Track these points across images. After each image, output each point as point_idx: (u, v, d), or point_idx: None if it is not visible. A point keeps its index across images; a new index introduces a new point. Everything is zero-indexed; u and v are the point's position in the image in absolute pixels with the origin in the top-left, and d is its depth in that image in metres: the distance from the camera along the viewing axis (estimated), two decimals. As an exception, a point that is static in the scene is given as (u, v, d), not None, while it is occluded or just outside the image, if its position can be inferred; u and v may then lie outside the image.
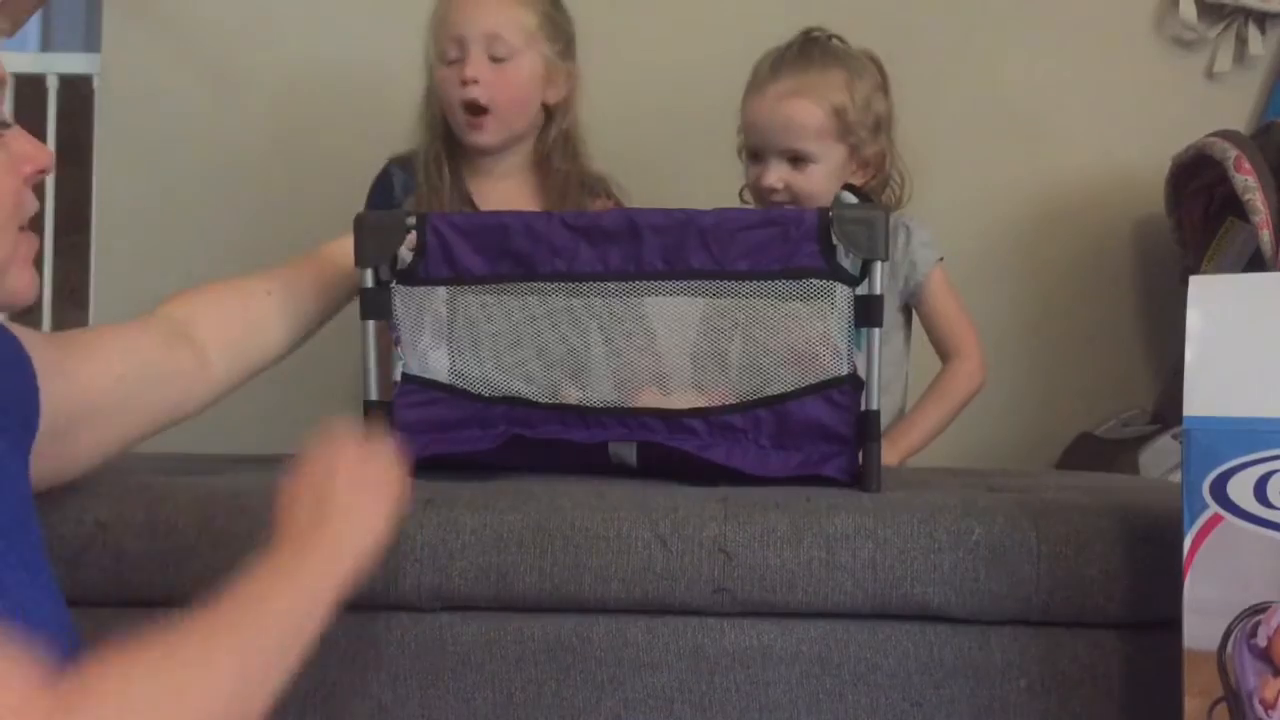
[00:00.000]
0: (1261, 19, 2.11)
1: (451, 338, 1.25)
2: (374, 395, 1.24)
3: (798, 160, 1.56)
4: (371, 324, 1.24)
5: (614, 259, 1.20)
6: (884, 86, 1.61)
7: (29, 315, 2.30)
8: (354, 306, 1.27)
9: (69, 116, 2.33)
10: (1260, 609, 0.93)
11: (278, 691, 0.78)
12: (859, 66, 1.59)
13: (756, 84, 1.60)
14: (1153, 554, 1.04)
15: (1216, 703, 0.94)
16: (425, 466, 1.24)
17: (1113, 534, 1.06)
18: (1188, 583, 0.94)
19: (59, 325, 2.21)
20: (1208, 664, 0.94)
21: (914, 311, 1.64)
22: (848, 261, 1.17)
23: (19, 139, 0.92)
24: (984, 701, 1.06)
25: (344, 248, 1.25)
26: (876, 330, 1.17)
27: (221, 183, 2.17)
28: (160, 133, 2.19)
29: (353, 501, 0.90)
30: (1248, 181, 1.79)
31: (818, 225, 1.17)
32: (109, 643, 0.72)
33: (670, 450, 1.21)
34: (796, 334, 1.20)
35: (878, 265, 1.16)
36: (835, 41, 1.62)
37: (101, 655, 0.71)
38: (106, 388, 1.06)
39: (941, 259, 1.62)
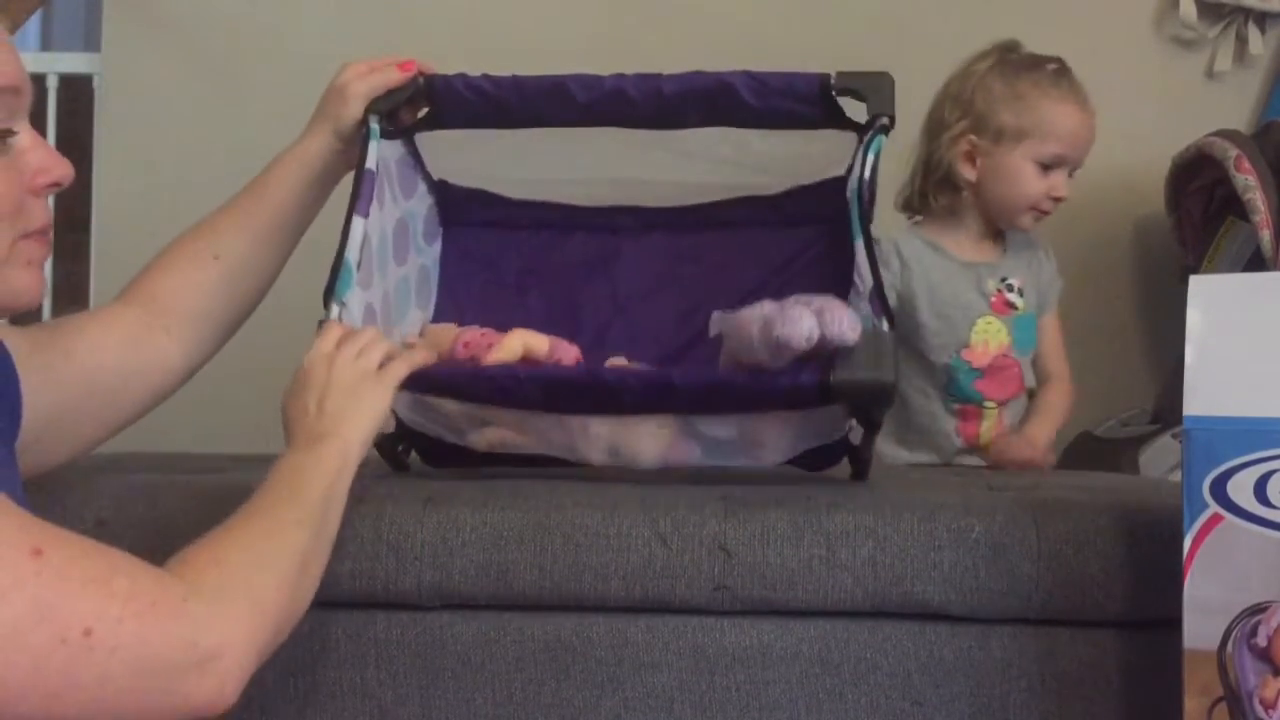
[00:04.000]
0: (1261, 19, 2.11)
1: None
2: None
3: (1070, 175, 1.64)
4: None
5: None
6: None
7: (30, 314, 2.30)
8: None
9: (69, 116, 2.33)
10: (1260, 609, 0.93)
11: (327, 561, 0.94)
12: None
13: (1062, 92, 1.62)
14: (1153, 553, 1.04)
15: (1216, 702, 0.94)
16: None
17: (1113, 533, 1.06)
18: (1188, 582, 0.94)
19: (59, 325, 2.20)
20: (1208, 664, 0.94)
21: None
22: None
23: (36, 149, 0.90)
24: (984, 701, 1.06)
25: (298, 157, 1.23)
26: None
27: (222, 183, 2.16)
28: (160, 133, 2.19)
29: (350, 397, 1.02)
30: (1248, 181, 1.80)
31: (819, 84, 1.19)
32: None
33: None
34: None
35: (880, 138, 1.17)
36: None
37: (189, 547, 0.84)
38: (84, 378, 1.06)
39: None
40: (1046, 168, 1.61)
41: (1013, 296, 1.64)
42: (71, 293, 2.34)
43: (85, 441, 1.10)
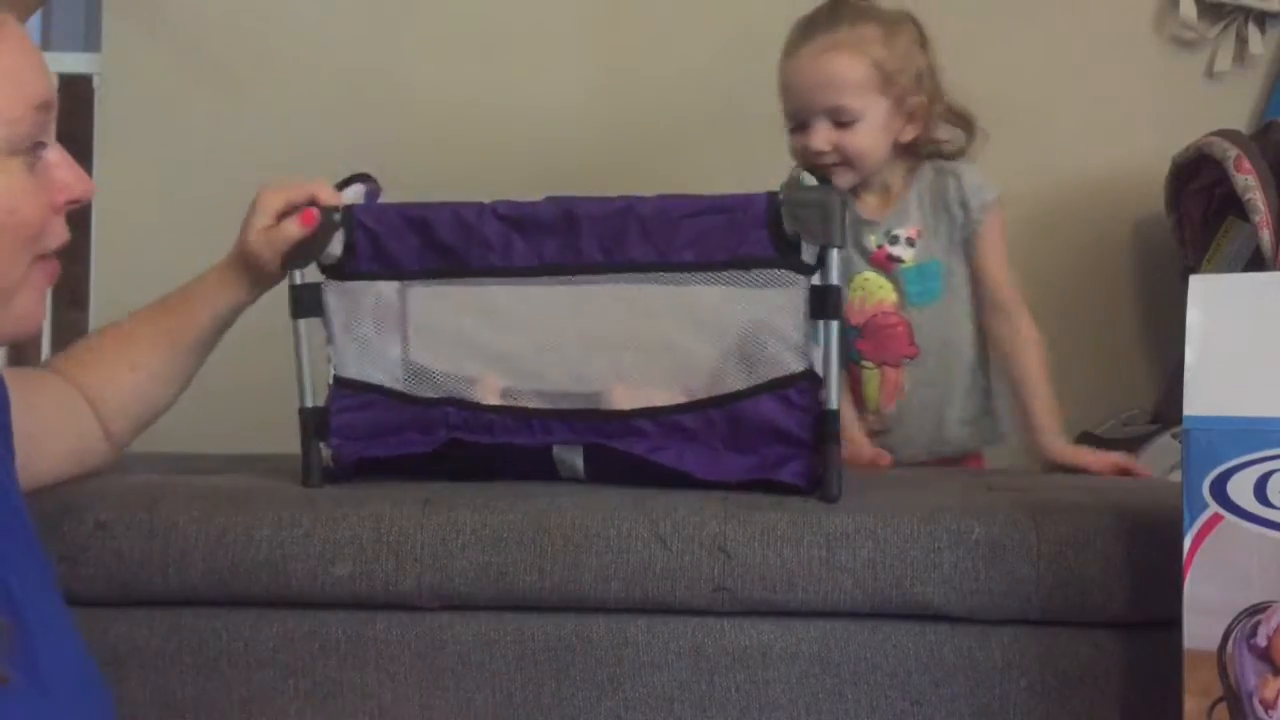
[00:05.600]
0: (1261, 18, 2.11)
1: (405, 328, 1.20)
2: (309, 400, 1.19)
3: (842, 121, 1.52)
4: (303, 323, 1.19)
5: (549, 251, 1.15)
6: (921, 41, 1.58)
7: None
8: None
9: (69, 116, 2.32)
10: (1260, 609, 0.93)
11: None
12: (893, 21, 1.57)
13: (790, 48, 1.55)
14: (1153, 554, 1.04)
15: (1216, 703, 0.94)
16: (389, 467, 1.22)
17: (1113, 533, 1.06)
18: (1188, 583, 0.94)
19: (59, 325, 2.21)
20: (1208, 664, 0.94)
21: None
22: (803, 249, 1.11)
23: (60, 166, 0.88)
24: (984, 701, 1.06)
25: (215, 295, 1.22)
26: (835, 323, 1.11)
27: (222, 183, 2.17)
28: (160, 133, 2.19)
29: None
30: (1248, 181, 1.80)
31: (767, 210, 1.11)
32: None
33: (618, 454, 1.15)
34: (747, 327, 1.14)
35: (834, 252, 1.10)
36: (864, 2, 1.59)
37: None
38: (31, 418, 1.05)
39: (997, 198, 1.56)
40: (799, 126, 1.54)
41: (897, 249, 1.55)
42: (72, 293, 2.35)
43: (33, 478, 1.07)
